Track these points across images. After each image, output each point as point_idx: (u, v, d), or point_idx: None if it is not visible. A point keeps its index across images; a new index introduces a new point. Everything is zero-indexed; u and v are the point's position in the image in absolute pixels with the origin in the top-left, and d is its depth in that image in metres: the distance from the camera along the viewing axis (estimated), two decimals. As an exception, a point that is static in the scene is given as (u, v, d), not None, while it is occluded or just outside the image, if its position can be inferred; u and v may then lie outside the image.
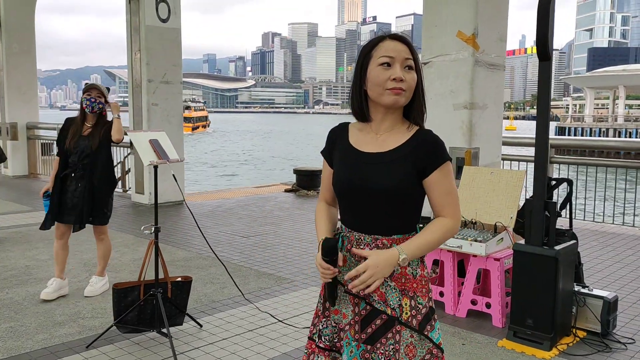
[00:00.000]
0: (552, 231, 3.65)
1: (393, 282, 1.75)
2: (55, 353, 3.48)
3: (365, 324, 1.76)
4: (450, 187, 1.76)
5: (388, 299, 1.75)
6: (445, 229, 1.75)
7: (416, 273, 1.77)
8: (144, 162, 3.51)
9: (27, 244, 6.19)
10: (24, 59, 11.76)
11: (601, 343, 3.67)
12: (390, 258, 1.68)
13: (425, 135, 1.77)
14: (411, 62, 1.75)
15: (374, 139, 1.80)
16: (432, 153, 1.74)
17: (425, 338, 1.75)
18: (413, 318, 1.74)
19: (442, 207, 1.76)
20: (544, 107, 3.66)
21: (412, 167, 1.73)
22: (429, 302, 1.78)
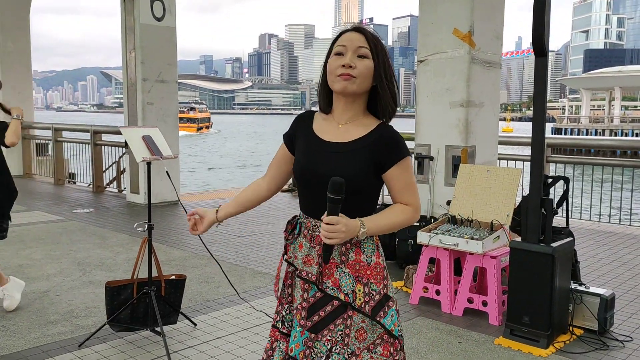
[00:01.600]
0: (548, 228, 3.62)
1: (347, 269, 1.78)
2: (48, 352, 3.44)
3: (312, 312, 1.79)
4: (409, 180, 1.82)
5: (342, 285, 1.78)
6: (406, 215, 1.82)
7: (371, 260, 1.80)
8: (137, 158, 3.48)
9: (21, 244, 6.14)
10: (19, 58, 11.70)
11: (598, 341, 3.65)
12: (354, 228, 1.71)
13: (384, 130, 1.81)
14: (365, 51, 1.77)
15: (335, 128, 1.84)
16: (391, 148, 1.78)
17: (377, 323, 1.78)
18: (366, 304, 1.77)
19: (402, 198, 1.83)
20: (541, 104, 3.64)
21: (370, 159, 1.77)
22: (384, 289, 1.80)
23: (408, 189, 1.82)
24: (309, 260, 1.82)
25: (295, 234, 1.89)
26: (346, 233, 1.68)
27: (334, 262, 1.79)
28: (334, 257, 1.78)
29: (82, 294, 4.52)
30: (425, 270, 4.39)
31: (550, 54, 22.59)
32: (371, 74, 1.78)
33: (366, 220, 1.75)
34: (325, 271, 1.79)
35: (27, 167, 11.97)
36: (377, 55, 1.78)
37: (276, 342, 1.91)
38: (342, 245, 1.78)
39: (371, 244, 1.82)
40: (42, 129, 11.86)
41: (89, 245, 6.13)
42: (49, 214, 7.92)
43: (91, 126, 10.36)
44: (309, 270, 1.81)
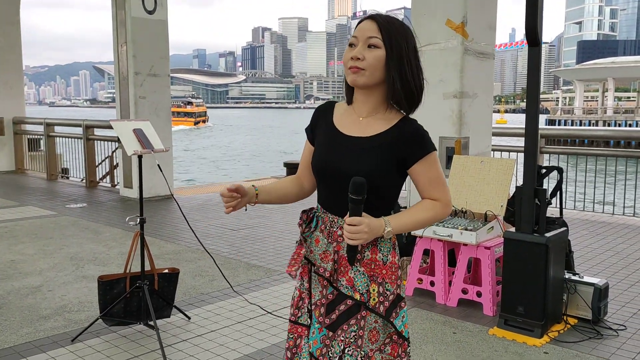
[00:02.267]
0: (542, 219, 3.62)
1: (362, 268, 1.73)
2: (40, 347, 3.42)
3: (330, 309, 1.74)
4: (435, 176, 1.74)
5: (356, 284, 1.72)
6: (434, 211, 1.74)
7: (387, 260, 1.74)
8: (128, 151, 3.45)
9: (14, 239, 6.10)
10: (10, 53, 11.59)
11: (592, 330, 3.66)
12: (379, 227, 1.66)
13: (407, 126, 1.73)
14: (375, 41, 1.68)
15: (356, 121, 1.77)
16: (413, 145, 1.71)
17: (388, 324, 1.74)
18: (380, 304, 1.73)
19: (429, 194, 1.75)
20: (534, 94, 3.63)
21: (390, 156, 1.70)
22: (397, 289, 1.76)
23: (435, 184, 1.74)
24: (326, 257, 1.76)
25: (311, 227, 1.82)
26: (369, 233, 1.63)
27: None
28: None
29: (75, 288, 4.50)
30: (419, 261, 4.39)
31: (544, 45, 22.54)
32: (382, 65, 1.68)
33: (391, 218, 1.70)
34: (340, 269, 1.74)
35: (19, 163, 11.88)
36: (390, 43, 1.68)
37: (299, 338, 1.84)
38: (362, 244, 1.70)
39: (388, 242, 1.75)
40: (34, 124, 11.77)
41: (82, 239, 6.10)
42: (41, 209, 7.87)
43: (83, 121, 10.29)
44: (325, 266, 1.75)
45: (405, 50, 1.70)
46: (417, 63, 1.73)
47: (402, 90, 1.71)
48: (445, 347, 3.44)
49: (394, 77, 1.69)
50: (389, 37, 1.68)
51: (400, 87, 1.70)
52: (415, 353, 3.35)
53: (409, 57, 1.71)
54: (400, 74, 1.69)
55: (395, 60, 1.68)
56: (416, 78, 1.73)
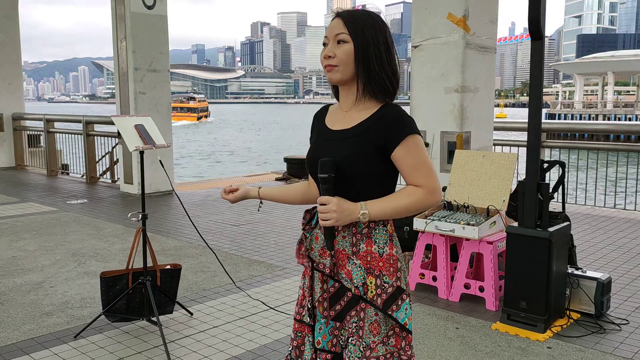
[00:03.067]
0: (545, 213, 3.61)
1: (359, 260, 1.73)
2: (43, 343, 3.42)
3: (334, 301, 1.76)
4: (417, 160, 1.71)
5: (353, 276, 1.73)
6: (416, 197, 1.70)
7: (383, 252, 1.73)
8: (130, 147, 3.43)
9: (14, 235, 6.09)
10: (8, 49, 11.55)
11: (595, 324, 3.66)
12: (352, 210, 1.67)
13: (386, 111, 1.72)
14: (343, 36, 1.71)
15: (341, 116, 1.80)
16: (392, 128, 1.69)
17: (388, 317, 1.73)
18: (378, 297, 1.72)
19: (412, 180, 1.72)
20: (537, 88, 3.61)
21: (370, 142, 1.70)
22: (397, 282, 1.74)
23: (417, 168, 1.70)
24: (324, 253, 1.77)
25: (312, 224, 1.83)
26: (339, 213, 1.64)
27: (345, 254, 1.74)
28: (345, 248, 1.73)
29: (77, 284, 4.49)
30: (421, 256, 4.38)
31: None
32: (352, 58, 1.71)
33: (369, 203, 1.68)
34: (339, 262, 1.75)
35: (19, 159, 11.86)
36: (356, 36, 1.70)
37: (307, 336, 1.83)
38: (353, 236, 1.73)
39: (384, 234, 1.74)
40: (33, 120, 11.75)
41: (83, 236, 6.09)
42: (42, 205, 7.86)
43: (83, 116, 10.26)
44: (324, 262, 1.77)
45: (374, 40, 1.71)
46: (387, 52, 1.73)
47: (373, 79, 1.72)
48: (449, 342, 3.44)
49: (363, 68, 1.71)
50: (354, 30, 1.70)
51: (370, 77, 1.72)
52: (418, 348, 3.35)
53: (378, 47, 1.71)
54: (369, 64, 1.70)
55: (363, 52, 1.70)
56: (386, 66, 1.73)
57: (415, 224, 4.27)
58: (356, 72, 1.72)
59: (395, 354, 1.74)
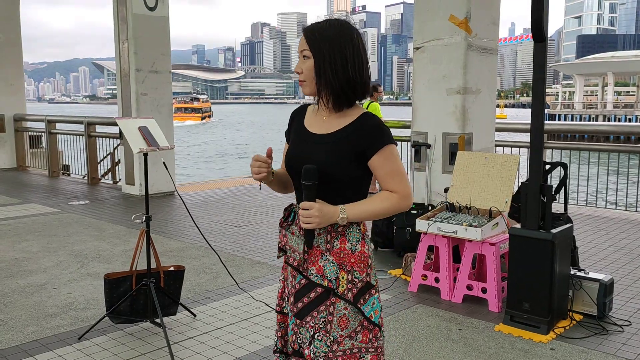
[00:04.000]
0: (548, 215, 3.62)
1: (332, 257, 1.82)
2: (47, 345, 3.43)
3: (298, 298, 1.84)
4: (393, 168, 1.83)
5: (325, 272, 1.82)
6: (390, 202, 1.83)
7: (355, 249, 1.84)
8: (134, 149, 3.44)
9: (17, 237, 6.10)
10: (9, 50, 11.56)
11: (597, 326, 3.67)
12: (333, 213, 1.77)
13: (365, 120, 1.83)
14: (306, 52, 1.83)
15: (321, 120, 1.90)
16: (371, 137, 1.81)
17: (358, 311, 1.82)
18: (348, 291, 1.81)
19: (387, 186, 1.84)
20: (540, 90, 3.62)
21: (348, 148, 1.81)
22: (367, 277, 1.84)
23: (392, 176, 1.82)
24: (297, 247, 1.86)
25: (289, 221, 1.93)
26: (321, 218, 1.75)
27: (319, 250, 1.83)
28: (319, 245, 1.82)
29: (81, 286, 4.50)
30: (424, 257, 4.39)
31: (544, 40, 22.33)
32: (313, 73, 1.82)
33: (347, 206, 1.80)
34: (311, 258, 1.83)
35: (20, 160, 11.87)
36: (315, 51, 1.81)
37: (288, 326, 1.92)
38: (328, 234, 1.82)
39: (357, 232, 1.85)
40: (35, 120, 11.75)
41: (85, 237, 6.10)
42: (44, 206, 7.87)
43: (85, 117, 10.27)
44: (294, 256, 1.86)
45: (332, 53, 1.80)
46: (345, 61, 1.80)
47: (332, 90, 1.82)
48: (452, 343, 3.45)
49: (324, 80, 1.82)
50: (313, 45, 1.81)
51: (331, 88, 1.82)
52: (422, 350, 3.36)
53: (334, 59, 1.79)
54: (325, 76, 1.81)
55: (320, 65, 1.81)
56: (341, 75, 1.80)
57: (417, 225, 4.28)
58: (317, 85, 1.83)
59: (363, 349, 1.83)
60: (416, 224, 4.30)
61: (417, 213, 5.00)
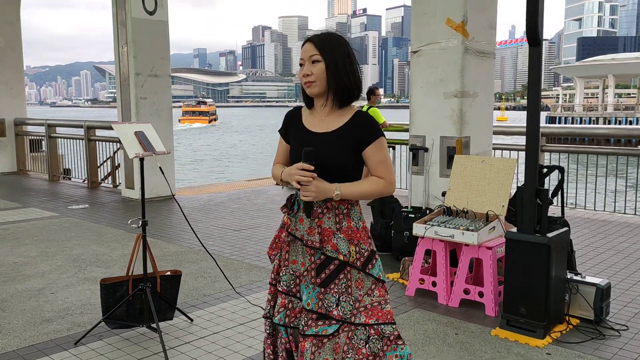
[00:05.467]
0: (544, 219, 3.62)
1: (342, 235, 2.17)
2: (43, 350, 3.43)
3: (320, 270, 2.17)
4: (383, 157, 2.17)
5: (339, 247, 2.15)
6: (378, 185, 2.17)
7: (358, 226, 2.21)
8: (130, 154, 3.45)
9: (15, 241, 6.11)
10: (10, 53, 11.61)
11: (594, 330, 3.66)
12: (329, 189, 2.09)
13: (361, 117, 2.18)
14: (316, 57, 2.13)
15: (321, 121, 2.21)
16: (367, 131, 2.14)
17: (367, 274, 2.19)
18: (358, 260, 2.18)
19: (376, 172, 2.17)
20: (535, 94, 3.63)
21: (349, 142, 2.14)
22: (370, 247, 2.22)
23: (382, 164, 2.16)
24: (311, 231, 2.16)
25: (294, 210, 2.22)
26: (317, 192, 2.07)
27: (331, 230, 2.16)
28: (330, 226, 2.16)
29: (78, 291, 4.51)
30: (421, 261, 4.39)
31: (544, 42, 22.64)
32: (324, 74, 2.13)
33: (342, 185, 2.11)
34: (325, 238, 2.16)
35: (21, 164, 11.90)
36: (326, 55, 2.12)
37: (276, 297, 2.28)
38: (336, 217, 2.17)
39: (358, 212, 2.22)
40: (35, 125, 11.77)
41: (84, 241, 6.11)
42: (43, 210, 7.88)
43: (85, 122, 10.30)
44: (312, 239, 2.16)
45: (341, 57, 2.14)
46: (350, 65, 2.15)
47: (341, 89, 2.15)
48: (448, 347, 3.44)
49: (335, 80, 2.14)
50: (324, 50, 2.13)
51: (339, 87, 2.14)
52: (418, 354, 3.36)
53: (344, 62, 2.14)
54: (337, 77, 2.13)
55: (333, 67, 2.13)
56: (351, 77, 2.15)
57: (414, 229, 4.29)
58: (327, 85, 2.14)
59: (382, 302, 2.20)
60: (413, 228, 4.30)
61: (415, 217, 5.00)
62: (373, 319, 2.17)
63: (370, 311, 2.17)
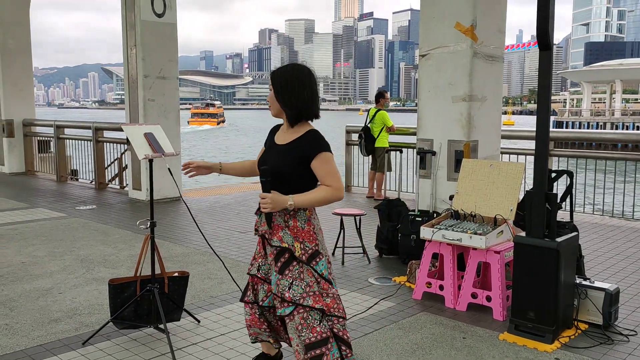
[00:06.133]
0: (553, 223, 3.61)
1: (289, 232, 2.62)
2: (51, 350, 3.44)
3: (277, 259, 2.64)
4: (328, 169, 2.57)
5: (284, 239, 2.61)
6: (326, 192, 2.56)
7: (304, 227, 2.63)
8: (139, 155, 3.46)
9: (24, 241, 6.14)
10: (19, 55, 11.68)
11: (603, 335, 3.64)
12: (283, 200, 2.53)
13: (309, 134, 2.62)
14: (271, 86, 2.68)
15: (283, 135, 2.71)
16: (312, 146, 2.57)
17: (311, 269, 2.61)
18: (303, 255, 2.61)
19: (324, 182, 2.58)
20: (545, 98, 3.61)
21: (296, 155, 2.58)
22: (315, 247, 2.63)
23: (328, 175, 2.57)
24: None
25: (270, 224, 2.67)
26: (273, 204, 2.51)
27: (280, 226, 2.62)
28: (281, 223, 2.62)
29: (86, 291, 4.52)
30: (428, 265, 4.38)
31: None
32: (274, 100, 2.66)
33: (294, 195, 2.54)
34: (274, 231, 2.63)
35: (29, 165, 11.96)
36: (275, 84, 2.64)
37: (257, 284, 2.80)
38: (285, 216, 2.61)
39: (304, 215, 2.63)
40: (44, 126, 11.84)
41: (92, 242, 6.13)
42: (51, 211, 7.92)
43: (93, 123, 10.34)
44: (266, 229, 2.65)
45: (288, 85, 2.61)
46: (299, 90, 2.60)
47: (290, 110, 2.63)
48: (455, 352, 3.43)
49: (282, 104, 2.64)
50: (274, 80, 2.67)
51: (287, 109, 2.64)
52: (425, 358, 3.35)
53: (292, 89, 2.60)
54: (284, 101, 2.63)
55: (280, 94, 2.64)
56: (296, 101, 2.61)
57: (422, 232, 4.28)
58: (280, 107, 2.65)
59: (324, 294, 2.62)
60: (421, 232, 4.29)
61: (422, 220, 4.99)
62: (319, 304, 2.58)
63: (318, 297, 2.59)
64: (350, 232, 5.86)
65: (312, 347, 2.57)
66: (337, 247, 5.67)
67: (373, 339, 3.60)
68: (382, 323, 3.88)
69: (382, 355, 3.38)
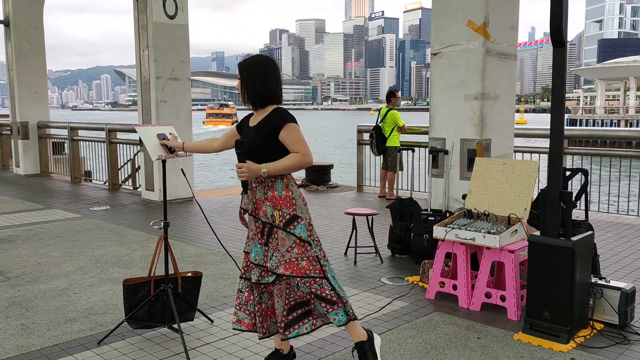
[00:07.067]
0: (568, 222, 3.57)
1: (269, 202, 2.86)
2: (67, 350, 3.47)
3: (263, 234, 2.91)
4: (295, 136, 2.83)
5: (267, 212, 2.87)
6: (295, 159, 2.81)
7: (281, 194, 2.86)
8: (152, 157, 3.48)
9: (39, 242, 6.20)
10: (33, 58, 11.80)
11: (619, 335, 3.60)
12: (257, 168, 2.79)
13: (275, 111, 2.91)
14: (239, 75, 2.98)
15: (255, 118, 3.00)
16: (278, 119, 2.85)
17: (289, 233, 2.83)
18: (280, 222, 2.84)
19: (293, 149, 2.82)
20: (559, 96, 3.58)
21: (266, 130, 2.86)
22: (293, 212, 2.85)
23: (296, 142, 2.82)
24: (251, 203, 2.95)
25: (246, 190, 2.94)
26: (249, 173, 2.77)
27: (261, 200, 2.88)
28: (261, 197, 2.88)
29: (101, 291, 4.56)
30: (441, 265, 4.36)
31: (565, 44, 21.98)
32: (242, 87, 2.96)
33: (268, 164, 2.79)
34: (258, 206, 2.90)
35: (44, 166, 12.09)
36: (242, 74, 2.94)
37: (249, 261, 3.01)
38: (263, 189, 2.88)
39: (281, 183, 2.87)
40: (58, 128, 11.96)
41: (106, 242, 6.18)
42: (66, 212, 7.99)
43: (106, 124, 10.43)
44: (252, 207, 2.94)
45: (255, 73, 2.91)
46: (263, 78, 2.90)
47: (255, 95, 2.93)
48: (470, 352, 3.41)
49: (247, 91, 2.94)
50: (241, 70, 2.96)
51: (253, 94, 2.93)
52: (439, 358, 3.33)
53: (257, 77, 2.90)
54: (250, 88, 2.92)
55: (245, 82, 2.93)
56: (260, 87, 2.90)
57: (435, 232, 4.26)
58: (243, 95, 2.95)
59: (299, 258, 2.83)
60: (434, 231, 4.27)
61: (435, 219, 4.97)
62: (289, 271, 2.81)
63: (288, 264, 2.81)
64: (362, 232, 5.85)
65: (293, 309, 2.90)
66: (349, 247, 5.66)
67: (386, 339, 3.59)
68: (395, 323, 3.87)
69: (395, 355, 3.37)
